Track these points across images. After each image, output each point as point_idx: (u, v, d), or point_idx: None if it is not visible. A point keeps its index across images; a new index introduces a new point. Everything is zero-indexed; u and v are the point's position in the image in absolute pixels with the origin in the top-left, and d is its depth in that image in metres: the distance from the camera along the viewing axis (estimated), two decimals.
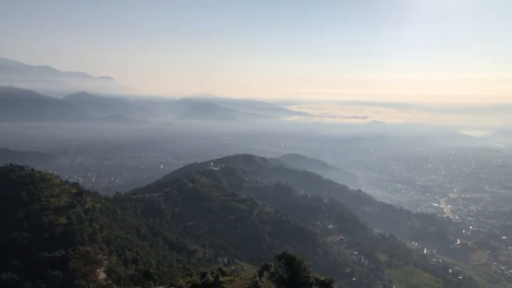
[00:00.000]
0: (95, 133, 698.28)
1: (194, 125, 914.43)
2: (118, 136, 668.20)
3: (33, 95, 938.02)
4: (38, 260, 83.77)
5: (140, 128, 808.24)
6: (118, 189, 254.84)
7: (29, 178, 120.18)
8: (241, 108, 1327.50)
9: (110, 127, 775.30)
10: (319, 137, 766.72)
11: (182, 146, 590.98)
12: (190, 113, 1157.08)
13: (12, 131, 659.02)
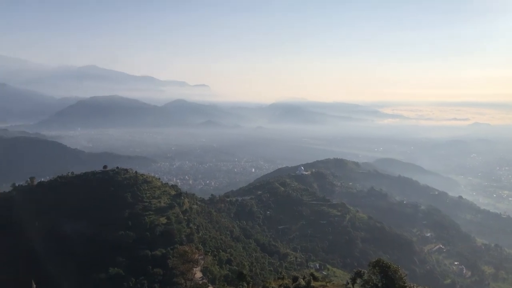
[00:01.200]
0: (192, 138, 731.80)
1: (284, 129, 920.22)
2: (212, 140, 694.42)
3: (137, 103, 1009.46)
4: (140, 257, 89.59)
5: (232, 133, 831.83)
6: (213, 191, 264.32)
7: (133, 180, 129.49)
8: (332, 112, 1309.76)
9: (205, 132, 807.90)
10: (415, 141, 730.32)
11: (273, 150, 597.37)
12: (280, 118, 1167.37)
13: (118, 137, 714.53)
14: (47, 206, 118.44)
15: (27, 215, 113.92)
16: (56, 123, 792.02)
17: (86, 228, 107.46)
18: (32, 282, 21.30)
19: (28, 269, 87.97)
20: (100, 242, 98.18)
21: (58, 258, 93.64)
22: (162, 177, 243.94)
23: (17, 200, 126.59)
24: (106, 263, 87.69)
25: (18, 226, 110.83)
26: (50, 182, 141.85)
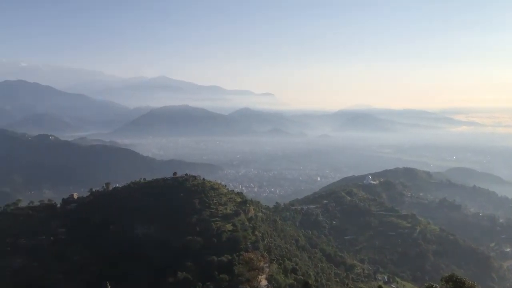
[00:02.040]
0: (257, 146, 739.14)
1: (350, 137, 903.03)
2: (277, 149, 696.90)
3: (204, 112, 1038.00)
4: (207, 263, 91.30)
5: (297, 141, 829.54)
6: (278, 199, 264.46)
7: (201, 187, 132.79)
8: (401, 119, 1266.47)
9: (270, 140, 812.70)
10: (492, 149, 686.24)
11: (339, 158, 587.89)
12: (346, 125, 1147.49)
13: (186, 145, 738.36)
14: (121, 211, 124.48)
15: (103, 219, 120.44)
16: (129, 132, 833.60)
17: (157, 233, 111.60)
18: (107, 283, 22.41)
19: (103, 270, 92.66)
20: (170, 247, 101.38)
21: (131, 260, 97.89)
22: (228, 184, 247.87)
23: (94, 204, 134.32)
24: (175, 267, 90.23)
25: (95, 229, 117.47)
26: (123, 188, 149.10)
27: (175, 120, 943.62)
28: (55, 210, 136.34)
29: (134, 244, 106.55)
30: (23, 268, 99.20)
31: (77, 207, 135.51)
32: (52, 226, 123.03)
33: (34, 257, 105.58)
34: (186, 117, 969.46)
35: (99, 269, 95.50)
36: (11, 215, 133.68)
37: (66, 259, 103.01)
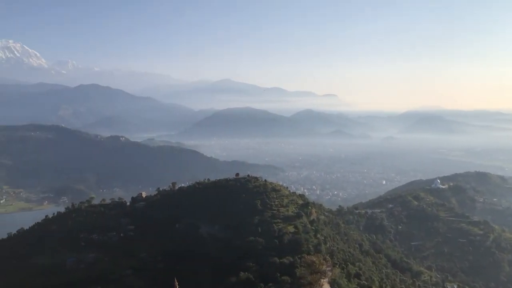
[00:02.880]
0: (320, 148, 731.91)
1: (418, 139, 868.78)
2: (340, 151, 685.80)
3: (266, 114, 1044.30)
4: (269, 264, 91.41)
5: (361, 143, 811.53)
6: (341, 202, 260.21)
7: (262, 188, 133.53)
8: (472, 120, 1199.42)
9: (333, 142, 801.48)
10: None
11: (405, 161, 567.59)
12: (413, 127, 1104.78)
13: (249, 146, 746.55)
14: (186, 210, 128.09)
15: (169, 217, 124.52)
16: (194, 133, 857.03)
17: (219, 232, 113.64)
18: (174, 280, 23.33)
19: (170, 268, 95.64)
20: (232, 246, 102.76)
21: (195, 259, 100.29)
22: (290, 186, 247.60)
23: (161, 203, 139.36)
24: (237, 267, 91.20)
25: (162, 227, 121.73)
26: (189, 188, 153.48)
27: (238, 122, 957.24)
28: (125, 208, 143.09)
29: (198, 242, 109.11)
30: (96, 262, 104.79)
31: (145, 205, 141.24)
32: (121, 223, 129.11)
33: (105, 252, 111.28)
34: (248, 119, 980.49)
35: (165, 266, 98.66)
36: (85, 212, 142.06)
37: (134, 255, 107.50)
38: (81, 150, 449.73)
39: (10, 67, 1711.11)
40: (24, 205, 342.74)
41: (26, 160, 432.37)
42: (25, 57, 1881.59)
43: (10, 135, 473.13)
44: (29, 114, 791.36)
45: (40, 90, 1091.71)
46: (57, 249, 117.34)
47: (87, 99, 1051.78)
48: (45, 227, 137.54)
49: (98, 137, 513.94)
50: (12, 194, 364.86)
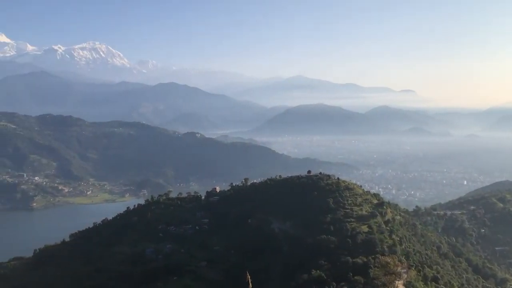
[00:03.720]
0: (395, 145, 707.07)
1: (503, 138, 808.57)
2: (418, 149, 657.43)
3: (340, 110, 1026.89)
4: (342, 263, 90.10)
5: (440, 141, 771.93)
6: (418, 203, 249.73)
7: (335, 186, 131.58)
8: None
9: (410, 140, 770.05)
10: None
11: (489, 161, 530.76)
12: (498, 125, 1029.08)
13: (321, 144, 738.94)
14: (258, 205, 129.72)
15: (241, 212, 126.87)
16: (267, 130, 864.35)
17: (291, 229, 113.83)
18: (247, 273, 23.71)
19: (242, 261, 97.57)
20: (304, 244, 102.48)
21: (267, 254, 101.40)
22: (364, 184, 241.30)
23: (234, 198, 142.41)
24: (308, 264, 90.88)
25: (234, 221, 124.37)
26: (261, 184, 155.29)
27: (310, 118, 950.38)
28: (200, 202, 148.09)
29: (270, 238, 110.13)
30: (173, 253, 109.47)
31: (219, 200, 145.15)
32: (197, 216, 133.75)
33: (181, 244, 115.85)
34: (321, 115, 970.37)
35: (238, 260, 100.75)
36: (163, 204, 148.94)
37: (208, 248, 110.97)
38: (160, 146, 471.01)
39: (96, 67, 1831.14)
40: (108, 196, 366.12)
41: (110, 155, 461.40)
42: (109, 58, 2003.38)
43: (96, 131, 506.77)
44: (113, 112, 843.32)
45: (122, 89, 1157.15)
46: (137, 239, 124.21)
47: (166, 97, 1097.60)
48: (126, 218, 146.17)
49: (175, 133, 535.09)
50: (97, 186, 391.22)
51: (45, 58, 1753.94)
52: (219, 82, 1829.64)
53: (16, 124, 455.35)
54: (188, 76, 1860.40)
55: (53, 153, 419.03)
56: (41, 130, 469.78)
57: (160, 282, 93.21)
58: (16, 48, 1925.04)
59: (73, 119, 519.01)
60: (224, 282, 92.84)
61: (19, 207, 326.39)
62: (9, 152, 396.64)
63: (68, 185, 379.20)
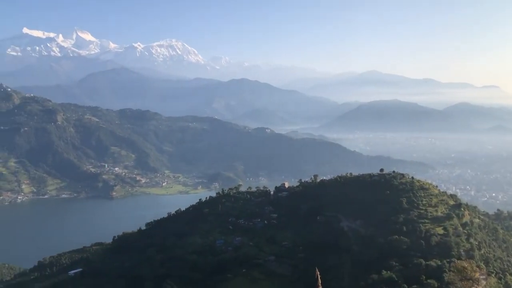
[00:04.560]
0: (476, 144, 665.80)
1: None
2: (501, 148, 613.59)
3: (415, 107, 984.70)
4: (414, 265, 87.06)
5: None
6: (500, 206, 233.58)
7: (409, 185, 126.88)
8: None
9: (493, 139, 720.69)
10: None
11: None
12: None
13: (395, 141, 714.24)
14: (327, 203, 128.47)
15: (310, 209, 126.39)
16: (337, 126, 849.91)
17: (361, 228, 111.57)
18: (316, 270, 23.70)
19: (310, 258, 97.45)
20: (374, 244, 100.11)
21: (335, 252, 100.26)
22: (440, 185, 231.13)
23: (302, 194, 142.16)
24: (378, 265, 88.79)
25: (303, 217, 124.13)
26: (330, 181, 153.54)
27: (384, 115, 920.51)
28: (269, 197, 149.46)
29: (339, 236, 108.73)
30: (242, 245, 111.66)
31: (288, 195, 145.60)
32: (265, 211, 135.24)
33: (250, 237, 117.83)
34: (395, 112, 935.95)
35: (306, 256, 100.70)
36: (233, 198, 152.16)
37: (277, 243, 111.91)
38: (231, 140, 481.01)
39: (172, 64, 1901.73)
40: (181, 188, 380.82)
41: (184, 148, 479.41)
42: (185, 55, 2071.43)
43: (171, 125, 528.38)
44: (187, 107, 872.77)
45: (197, 85, 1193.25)
46: (208, 230, 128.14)
47: (238, 92, 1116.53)
48: (198, 210, 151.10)
49: (246, 129, 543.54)
50: (172, 178, 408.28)
51: (125, 55, 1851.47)
52: (290, 77, 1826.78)
53: (99, 118, 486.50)
54: (259, 72, 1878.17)
55: (132, 145, 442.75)
56: (121, 124, 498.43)
57: (229, 273, 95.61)
58: (100, 46, 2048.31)
59: (151, 114, 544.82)
60: (292, 277, 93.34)
61: (100, 195, 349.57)
62: (93, 144, 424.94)
63: (145, 176, 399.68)
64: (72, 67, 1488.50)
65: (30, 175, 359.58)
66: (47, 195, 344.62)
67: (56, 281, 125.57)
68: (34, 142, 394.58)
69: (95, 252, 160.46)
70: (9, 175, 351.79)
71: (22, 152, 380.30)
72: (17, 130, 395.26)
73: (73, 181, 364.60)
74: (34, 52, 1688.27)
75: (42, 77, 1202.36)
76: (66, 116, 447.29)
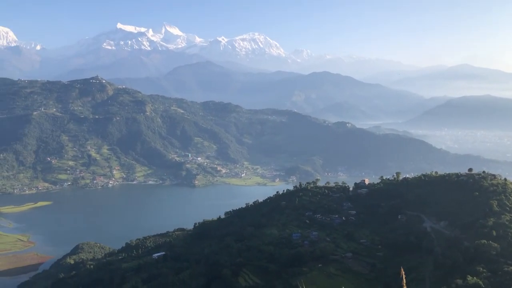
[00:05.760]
0: None
1: None
2: None
3: (510, 103, 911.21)
4: (504, 273, 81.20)
5: None
6: None
7: (501, 187, 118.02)
8: None
9: None
10: None
11: None
12: None
13: (487, 139, 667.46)
14: (410, 202, 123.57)
15: (391, 207, 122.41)
16: (423, 122, 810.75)
17: (445, 229, 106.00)
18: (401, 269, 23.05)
19: (389, 257, 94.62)
20: (459, 247, 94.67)
21: (416, 253, 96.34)
22: None
23: (383, 192, 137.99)
24: (463, 269, 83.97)
25: (383, 216, 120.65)
26: (414, 179, 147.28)
27: (474, 111, 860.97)
28: (348, 193, 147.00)
29: (421, 237, 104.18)
30: (318, 240, 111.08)
31: (367, 192, 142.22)
32: (344, 207, 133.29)
33: (327, 232, 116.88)
34: (488, 108, 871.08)
35: (385, 255, 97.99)
36: (310, 192, 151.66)
37: (354, 240, 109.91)
38: (310, 134, 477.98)
39: (254, 58, 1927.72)
40: (259, 180, 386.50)
41: (263, 140, 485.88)
42: (267, 48, 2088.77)
43: (251, 118, 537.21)
44: (267, 100, 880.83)
45: (277, 78, 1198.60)
46: (284, 223, 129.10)
47: (318, 86, 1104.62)
48: (275, 202, 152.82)
49: (325, 122, 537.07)
50: (250, 170, 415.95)
51: (210, 49, 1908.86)
52: (374, 70, 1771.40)
53: (184, 109, 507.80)
54: (341, 65, 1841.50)
55: (214, 136, 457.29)
56: (204, 115, 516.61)
57: (305, 267, 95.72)
58: (187, 40, 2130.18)
59: (232, 106, 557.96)
60: (369, 276, 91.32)
61: (183, 183, 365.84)
62: (177, 134, 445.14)
63: (225, 166, 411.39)
64: (160, 60, 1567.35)
65: (121, 162, 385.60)
66: (135, 181, 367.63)
67: (141, 263, 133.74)
68: (125, 131, 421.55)
69: (177, 237, 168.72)
70: (102, 161, 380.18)
71: (114, 140, 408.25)
72: (110, 119, 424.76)
73: (159, 169, 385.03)
74: (126, 46, 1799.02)
75: (133, 69, 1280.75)
76: (154, 107, 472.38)
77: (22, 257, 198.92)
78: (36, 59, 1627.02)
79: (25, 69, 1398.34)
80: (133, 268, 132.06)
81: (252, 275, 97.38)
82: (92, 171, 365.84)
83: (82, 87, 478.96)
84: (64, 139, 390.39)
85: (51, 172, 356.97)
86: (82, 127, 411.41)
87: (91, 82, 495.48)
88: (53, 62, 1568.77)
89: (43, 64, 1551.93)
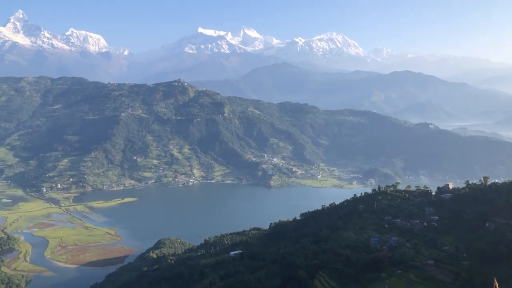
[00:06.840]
0: None
1: None
2: None
3: None
4: None
5: None
6: None
7: None
8: None
9: None
10: None
11: None
12: None
13: None
14: (499, 209, 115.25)
15: (478, 214, 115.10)
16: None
17: None
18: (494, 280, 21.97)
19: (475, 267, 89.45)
20: None
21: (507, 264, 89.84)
22: None
23: (469, 198, 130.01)
24: None
25: (469, 223, 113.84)
26: (504, 184, 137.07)
27: None
28: (430, 197, 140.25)
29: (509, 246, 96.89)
30: (398, 245, 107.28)
31: (451, 197, 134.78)
32: (425, 212, 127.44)
33: (407, 238, 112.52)
34: None
35: (470, 264, 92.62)
36: (390, 196, 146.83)
37: (436, 247, 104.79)
38: (390, 135, 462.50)
39: (332, 57, 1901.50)
40: (336, 182, 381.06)
41: (340, 142, 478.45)
42: (345, 47, 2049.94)
43: (328, 119, 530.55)
44: (345, 100, 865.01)
45: (356, 78, 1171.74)
46: (362, 227, 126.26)
47: (399, 85, 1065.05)
48: (353, 205, 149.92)
49: (407, 123, 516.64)
50: (326, 171, 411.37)
51: (287, 50, 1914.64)
52: (460, 69, 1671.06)
53: (261, 110, 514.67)
54: (424, 64, 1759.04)
55: (290, 137, 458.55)
56: (280, 116, 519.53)
57: (383, 272, 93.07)
58: (264, 42, 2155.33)
59: (308, 107, 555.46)
60: (453, 285, 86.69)
61: (259, 183, 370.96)
62: (254, 135, 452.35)
63: (301, 167, 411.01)
64: (238, 62, 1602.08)
65: (200, 161, 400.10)
66: (213, 180, 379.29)
67: (219, 260, 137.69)
68: (205, 132, 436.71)
69: (253, 236, 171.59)
70: (183, 160, 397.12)
71: (194, 140, 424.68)
72: (191, 120, 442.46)
73: (236, 169, 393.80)
74: (206, 50, 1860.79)
75: (213, 72, 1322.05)
76: (232, 108, 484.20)
77: (110, 250, 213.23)
78: (124, 64, 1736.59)
79: (114, 73, 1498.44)
80: (211, 264, 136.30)
81: (328, 278, 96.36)
82: (174, 170, 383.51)
83: (165, 90, 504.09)
84: (149, 139, 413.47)
85: (137, 170, 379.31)
86: (165, 128, 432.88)
87: (174, 85, 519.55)
88: (139, 66, 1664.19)
89: (130, 68, 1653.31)
